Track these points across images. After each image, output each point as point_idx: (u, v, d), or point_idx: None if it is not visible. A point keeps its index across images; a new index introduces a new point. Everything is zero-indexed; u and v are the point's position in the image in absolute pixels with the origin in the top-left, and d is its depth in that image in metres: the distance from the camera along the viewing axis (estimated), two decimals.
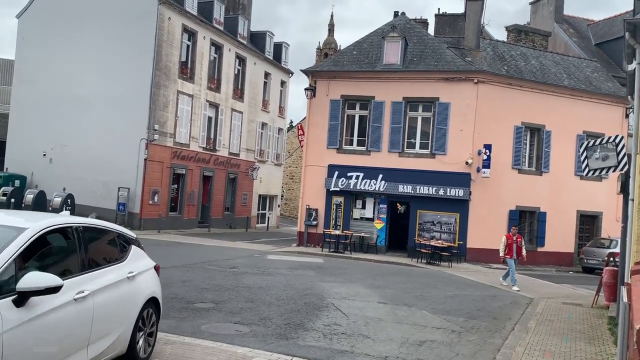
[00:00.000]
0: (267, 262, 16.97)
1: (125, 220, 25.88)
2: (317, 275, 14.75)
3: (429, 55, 23.45)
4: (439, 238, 22.01)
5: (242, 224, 33.91)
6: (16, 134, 30.13)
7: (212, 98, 30.93)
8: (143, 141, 26.00)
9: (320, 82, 23.76)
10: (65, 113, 28.10)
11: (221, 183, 32.56)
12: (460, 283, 15.96)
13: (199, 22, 29.23)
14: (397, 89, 22.91)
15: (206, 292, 10.64)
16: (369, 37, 25.15)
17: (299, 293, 11.46)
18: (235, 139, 33.56)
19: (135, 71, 26.41)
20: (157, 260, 15.00)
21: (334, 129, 23.44)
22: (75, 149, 27.73)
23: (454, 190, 21.81)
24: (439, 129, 22.41)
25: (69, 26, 28.48)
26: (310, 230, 23.62)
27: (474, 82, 22.26)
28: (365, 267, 17.88)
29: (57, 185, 26.84)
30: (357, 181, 22.74)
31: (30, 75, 29.61)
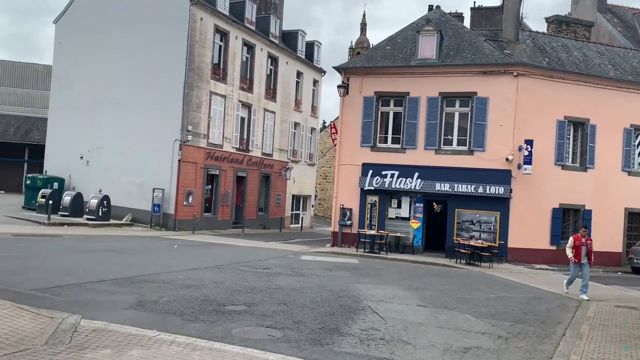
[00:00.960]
0: (300, 263, 16.59)
1: (160, 221, 25.98)
2: (352, 276, 14.28)
3: (466, 49, 22.67)
4: (479, 238, 21.22)
5: (276, 225, 33.70)
6: (55, 137, 30.68)
7: (245, 98, 30.81)
8: (177, 142, 26.03)
9: (353, 79, 23.26)
10: (101, 116, 28.42)
11: (254, 183, 32.42)
12: (503, 284, 15.23)
13: (230, 22, 29.15)
14: (433, 84, 22.21)
15: (238, 294, 10.32)
16: (402, 32, 24.51)
17: (333, 295, 11.02)
18: (268, 139, 33.38)
19: (168, 72, 26.48)
20: (190, 261, 14.87)
21: (367, 126, 22.90)
22: (111, 150, 28.01)
23: (494, 188, 20.98)
24: (477, 125, 21.61)
25: (103, 30, 28.82)
26: (344, 230, 23.15)
27: (513, 75, 21.38)
28: (401, 268, 17.31)
29: (94, 187, 27.18)
30: (392, 180, 22.14)
31: (67, 80, 30.10)
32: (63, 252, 14.56)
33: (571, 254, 13.76)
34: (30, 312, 7.68)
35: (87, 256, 14.20)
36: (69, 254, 14.41)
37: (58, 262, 12.73)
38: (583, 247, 13.69)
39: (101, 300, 8.99)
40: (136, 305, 8.80)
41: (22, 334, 6.62)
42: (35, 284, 9.82)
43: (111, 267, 12.51)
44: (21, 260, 12.43)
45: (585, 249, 13.70)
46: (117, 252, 15.74)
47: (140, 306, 8.75)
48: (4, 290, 9.10)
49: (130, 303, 8.90)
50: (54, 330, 6.90)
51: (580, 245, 13.69)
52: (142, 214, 26.66)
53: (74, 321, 7.39)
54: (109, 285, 10.27)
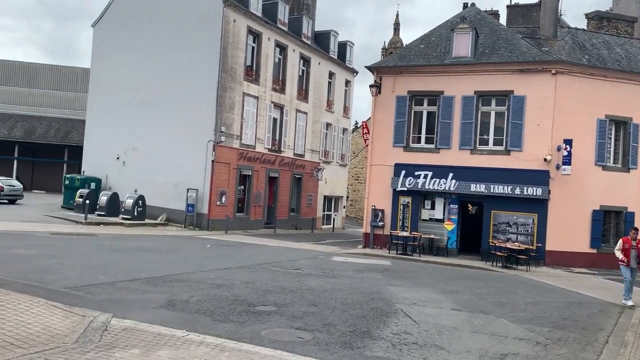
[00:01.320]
0: (332, 264, 16.44)
1: (194, 221, 26.23)
2: (385, 278, 14.04)
3: (502, 47, 22.11)
4: (515, 240, 20.64)
5: (308, 225, 33.63)
6: (92, 138, 31.38)
7: (277, 99, 30.86)
8: (210, 143, 26.24)
9: (385, 78, 22.98)
10: (136, 117, 28.92)
11: (286, 184, 32.44)
12: (541, 288, 14.73)
13: (263, 24, 29.24)
14: (468, 82, 21.74)
15: (268, 295, 10.23)
16: (436, 30, 24.11)
17: (365, 297, 10.82)
18: (300, 139, 33.36)
19: (202, 74, 26.73)
20: (222, 261, 14.91)
21: (400, 126, 22.58)
22: (146, 151, 28.46)
23: (532, 189, 20.38)
24: (514, 124, 21.03)
25: (139, 33, 29.32)
26: (376, 231, 22.87)
27: (551, 73, 20.73)
28: (435, 271, 16.95)
29: (130, 187, 27.65)
30: (426, 180, 21.76)
31: (104, 82, 30.74)
32: (98, 251, 14.79)
33: (621, 256, 12.91)
34: (63, 310, 7.75)
35: (121, 255, 14.38)
36: (104, 253, 14.62)
37: (93, 260, 12.91)
38: (633, 250, 12.81)
39: (132, 299, 9.03)
40: (167, 304, 8.81)
41: (54, 332, 6.66)
42: (69, 282, 9.95)
43: (144, 266, 12.62)
44: (57, 259, 12.65)
45: (635, 252, 12.81)
46: (151, 251, 15.91)
47: (171, 305, 8.74)
48: (39, 287, 9.24)
49: (161, 302, 8.91)
50: (85, 328, 6.92)
51: (629, 248, 12.83)
52: (176, 213, 26.98)
53: (105, 320, 7.42)
54: (141, 284, 10.32)
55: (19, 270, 10.71)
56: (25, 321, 6.97)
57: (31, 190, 43.88)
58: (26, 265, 11.39)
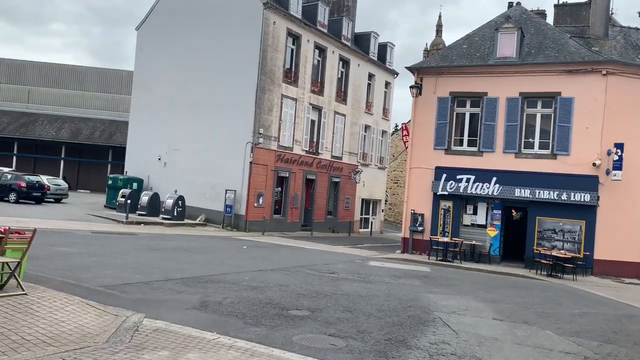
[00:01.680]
0: (368, 269, 16.11)
1: (232, 222, 26.35)
2: (423, 285, 13.62)
3: (549, 46, 21.30)
4: (561, 248, 19.80)
5: (345, 229, 33.35)
6: (135, 139, 32.02)
7: (315, 101, 30.74)
8: (249, 144, 26.33)
9: (426, 79, 22.49)
10: (177, 119, 29.32)
11: (324, 186, 32.25)
12: (589, 299, 14.01)
13: (303, 26, 29.19)
14: (513, 83, 21.03)
15: (302, 298, 10.01)
16: (480, 30, 23.46)
17: (402, 304, 10.46)
18: (337, 142, 33.14)
19: (241, 76, 26.87)
20: (257, 262, 14.79)
21: (441, 128, 22.05)
22: (187, 152, 28.81)
23: (579, 195, 19.51)
24: (561, 127, 20.21)
25: (180, 36, 29.75)
26: (415, 236, 22.39)
27: (602, 74, 19.82)
28: (476, 278, 16.39)
29: (170, 188, 28.05)
30: (468, 184, 21.16)
31: (147, 84, 31.34)
32: (136, 250, 14.93)
33: None
34: (97, 308, 7.74)
35: (159, 254, 14.46)
36: (142, 252, 14.75)
37: (130, 259, 13.01)
38: None
39: (166, 299, 8.98)
40: (199, 305, 8.71)
41: (86, 331, 6.62)
42: (105, 280, 10.00)
43: (180, 266, 12.62)
44: (96, 257, 12.80)
45: None
46: (188, 251, 15.97)
47: (204, 307, 8.63)
48: (76, 285, 9.30)
49: (194, 303, 8.82)
50: (117, 328, 6.87)
51: None
52: (214, 214, 27.19)
53: (137, 320, 7.35)
54: (176, 284, 10.29)
55: (58, 267, 10.85)
56: (58, 319, 6.97)
57: (76, 189, 45.22)
58: (65, 262, 11.54)
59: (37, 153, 47.51)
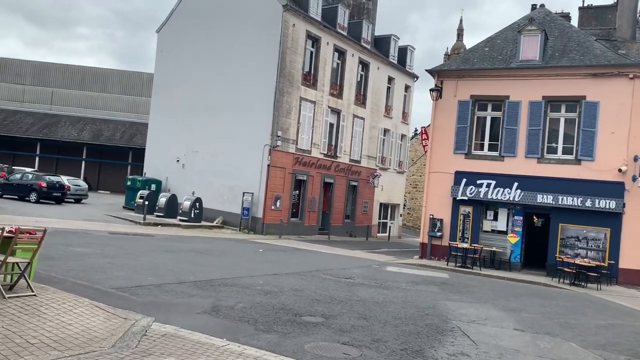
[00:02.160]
0: (385, 274, 15.79)
1: (249, 224, 26.23)
2: (441, 292, 13.26)
3: (573, 49, 20.78)
4: (585, 256, 19.23)
5: (363, 233, 33.01)
6: (154, 141, 32.16)
7: (334, 104, 30.52)
8: (266, 147, 26.21)
9: (447, 82, 22.11)
10: (196, 121, 29.36)
11: (342, 190, 31.98)
12: (615, 310, 13.50)
13: (322, 28, 29.01)
14: (536, 87, 20.55)
15: (316, 304, 9.76)
16: (502, 33, 23.00)
17: (419, 312, 10.15)
18: (356, 145, 32.85)
19: (260, 79, 26.78)
20: (272, 266, 14.58)
21: (462, 132, 21.64)
22: (205, 155, 28.82)
23: (604, 202, 18.94)
24: (586, 132, 19.66)
25: (200, 38, 29.80)
26: (434, 242, 21.99)
27: (629, 78, 19.24)
28: (497, 286, 15.96)
29: (188, 190, 28.06)
30: (488, 190, 20.71)
31: (167, 86, 31.46)
32: (151, 252, 14.84)
33: None
34: (106, 311, 7.60)
35: (173, 256, 14.35)
36: (157, 253, 14.65)
37: (144, 261, 12.91)
38: None
39: (177, 303, 8.81)
40: (211, 310, 8.52)
41: (92, 334, 6.47)
42: (117, 282, 9.88)
43: (194, 269, 12.48)
44: (110, 258, 12.73)
45: None
46: (203, 253, 15.84)
47: (215, 311, 8.44)
48: (87, 287, 9.20)
49: (205, 307, 8.63)
50: (124, 332, 6.70)
51: None
52: (232, 216, 27.11)
53: (146, 324, 7.19)
54: (188, 287, 10.12)
55: (72, 268, 10.78)
56: (66, 321, 6.83)
57: (97, 190, 45.66)
58: (79, 263, 11.48)
59: (59, 154, 48.13)
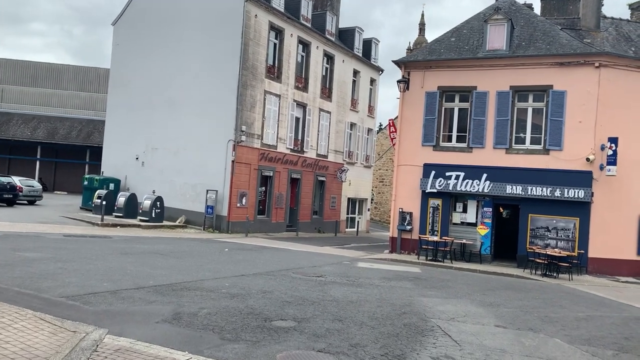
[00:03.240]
0: (357, 271, 15.25)
1: (214, 223, 25.33)
2: (416, 287, 12.80)
3: (540, 39, 20.67)
4: (555, 246, 19.17)
5: (331, 228, 32.52)
6: (111, 138, 30.81)
7: (300, 98, 29.84)
8: (230, 142, 25.34)
9: (414, 73, 21.72)
10: (156, 116, 28.22)
11: (309, 186, 31.37)
12: (590, 300, 13.31)
13: (285, 19, 28.25)
14: (503, 77, 20.36)
15: (287, 307, 9.11)
16: (468, 23, 22.76)
17: (396, 310, 9.61)
18: (323, 140, 32.27)
19: (222, 72, 25.87)
20: (239, 266, 13.83)
21: (429, 124, 21.30)
22: (166, 151, 27.73)
23: (573, 191, 18.90)
24: (554, 121, 19.58)
25: (158, 30, 28.63)
26: (403, 235, 21.62)
27: (594, 67, 19.23)
28: (470, 279, 15.62)
29: (148, 188, 26.95)
30: (457, 182, 20.44)
31: (124, 81, 30.15)
32: (108, 255, 13.89)
33: None
34: (52, 324, 6.76)
35: (132, 259, 13.45)
36: (114, 256, 13.71)
37: (100, 265, 11.99)
38: None
39: (134, 311, 8.01)
40: (172, 318, 7.75)
41: (34, 353, 5.65)
42: (68, 290, 9.00)
43: (154, 272, 11.64)
44: (62, 263, 11.77)
45: None
46: (165, 255, 14.96)
47: (176, 319, 7.68)
48: (33, 296, 8.30)
49: (166, 315, 7.86)
50: (72, 348, 5.90)
51: None
52: (195, 215, 26.15)
53: (98, 337, 6.40)
54: (147, 293, 9.32)
55: (18, 275, 9.82)
56: (2, 339, 5.98)
57: (53, 191, 43.77)
58: (27, 270, 10.50)
59: (11, 154, 45.93)
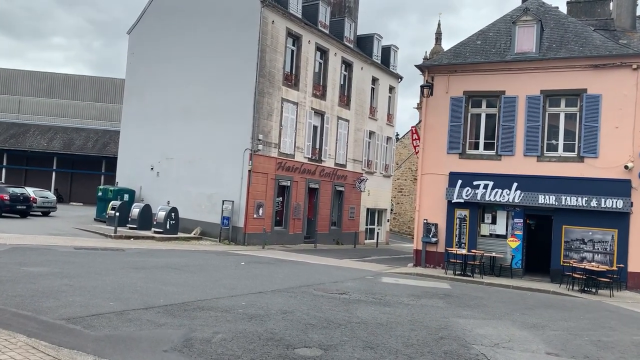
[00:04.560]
0: (382, 287, 14.26)
1: (229, 235, 24.52)
2: (448, 306, 11.77)
3: (571, 40, 19.63)
4: (591, 259, 17.98)
5: (350, 240, 31.53)
6: (126, 148, 30.28)
7: (318, 106, 29.04)
8: (247, 152, 24.58)
9: (438, 78, 20.78)
10: (171, 125, 27.63)
11: (327, 196, 30.46)
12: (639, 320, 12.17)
13: (303, 26, 27.55)
14: (533, 81, 19.33)
15: (311, 331, 8.18)
16: (494, 25, 21.79)
17: (432, 335, 8.63)
18: (341, 148, 31.38)
19: (239, 79, 25.19)
20: (256, 282, 12.93)
21: (455, 131, 20.31)
22: (181, 161, 27.09)
23: (610, 201, 17.73)
24: (588, 127, 18.47)
25: (174, 38, 28.12)
26: (428, 248, 20.57)
27: (632, 69, 18.12)
28: (504, 296, 14.53)
29: (163, 199, 26.26)
30: (486, 191, 19.38)
31: (139, 90, 29.66)
32: (119, 269, 13.11)
33: None
34: (45, 354, 5.93)
35: (144, 274, 12.64)
36: (125, 271, 12.92)
37: (109, 281, 11.19)
38: None
39: (141, 337, 7.15)
40: (182, 345, 6.87)
41: None
42: (70, 310, 8.19)
43: (166, 289, 10.81)
44: (69, 279, 10.99)
45: None
46: (178, 269, 14.14)
47: (187, 347, 6.80)
48: (30, 319, 7.49)
49: (175, 342, 6.98)
50: None
51: None
52: (211, 227, 25.39)
53: None
54: (157, 314, 8.46)
55: (19, 293, 9.05)
56: None
57: (69, 202, 43.45)
58: (29, 287, 9.73)
59: (27, 165, 45.84)
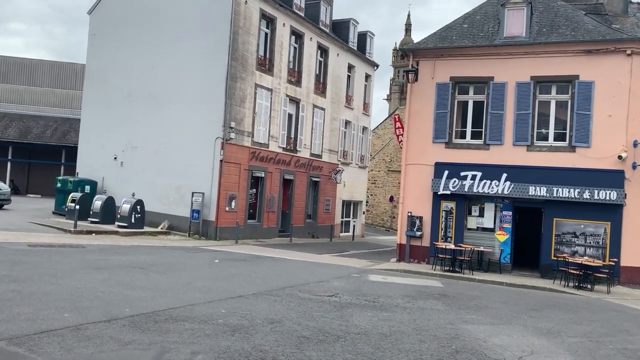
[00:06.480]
0: (372, 287, 13.11)
1: (200, 229, 23.00)
2: (449, 309, 10.68)
3: (562, 25, 18.79)
4: (583, 254, 17.27)
5: (326, 233, 30.37)
6: (88, 137, 28.30)
7: (293, 93, 27.64)
8: (218, 140, 23.05)
9: (423, 62, 19.69)
10: (136, 113, 25.82)
11: (302, 187, 29.18)
12: None
13: (278, 7, 26.05)
14: (523, 66, 18.44)
15: (307, 346, 6.92)
16: (481, 8, 20.82)
17: (444, 347, 7.48)
18: (317, 138, 30.11)
19: (209, 63, 23.57)
20: (234, 283, 11.56)
21: (441, 118, 19.28)
22: (147, 151, 25.34)
23: (603, 192, 17.01)
24: (580, 115, 17.69)
25: (139, 18, 26.24)
26: (412, 242, 19.57)
27: (626, 54, 17.40)
28: (502, 295, 13.57)
29: (128, 191, 24.45)
30: (473, 182, 18.45)
31: (101, 74, 27.67)
32: (77, 270, 11.56)
33: None
34: None
35: (106, 276, 11.14)
36: (84, 272, 11.39)
37: (65, 285, 9.69)
38: None
39: None
40: None
41: None
42: (14, 326, 6.70)
43: (132, 294, 9.38)
44: (17, 283, 9.44)
45: None
46: (145, 269, 12.67)
47: None
48: None
49: None
50: None
51: None
52: (179, 220, 23.80)
53: None
54: (121, 329, 7.05)
55: None
56: None
57: (26, 194, 40.96)
58: None
59: None
